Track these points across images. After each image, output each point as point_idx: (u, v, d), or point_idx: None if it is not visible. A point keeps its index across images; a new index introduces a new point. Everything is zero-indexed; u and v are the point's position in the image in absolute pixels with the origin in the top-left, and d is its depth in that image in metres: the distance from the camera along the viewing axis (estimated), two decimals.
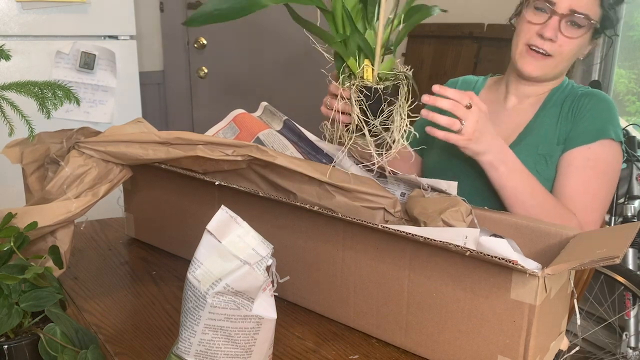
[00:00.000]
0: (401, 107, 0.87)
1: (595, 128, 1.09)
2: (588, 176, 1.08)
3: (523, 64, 1.13)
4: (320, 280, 0.88)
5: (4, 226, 0.77)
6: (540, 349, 0.72)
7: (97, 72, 2.03)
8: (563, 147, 1.11)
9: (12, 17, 1.87)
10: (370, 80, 0.88)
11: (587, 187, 1.07)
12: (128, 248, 1.16)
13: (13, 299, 0.67)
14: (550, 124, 1.14)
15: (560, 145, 1.12)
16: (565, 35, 1.09)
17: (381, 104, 0.87)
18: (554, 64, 1.12)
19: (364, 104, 0.87)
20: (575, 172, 1.08)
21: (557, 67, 1.13)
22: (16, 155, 0.93)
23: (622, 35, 2.33)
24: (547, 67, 1.13)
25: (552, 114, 1.15)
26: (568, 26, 1.09)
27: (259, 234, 0.64)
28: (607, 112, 1.11)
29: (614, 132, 1.10)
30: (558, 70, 1.14)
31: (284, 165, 0.92)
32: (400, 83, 0.87)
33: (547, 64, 1.12)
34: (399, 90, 0.87)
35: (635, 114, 2.37)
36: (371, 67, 0.88)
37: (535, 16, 1.11)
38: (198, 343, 0.63)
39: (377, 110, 0.87)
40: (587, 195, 1.07)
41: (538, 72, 1.13)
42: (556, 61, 1.12)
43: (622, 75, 2.38)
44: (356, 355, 0.79)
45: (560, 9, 1.07)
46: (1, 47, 0.79)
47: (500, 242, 0.78)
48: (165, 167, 0.98)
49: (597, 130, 1.09)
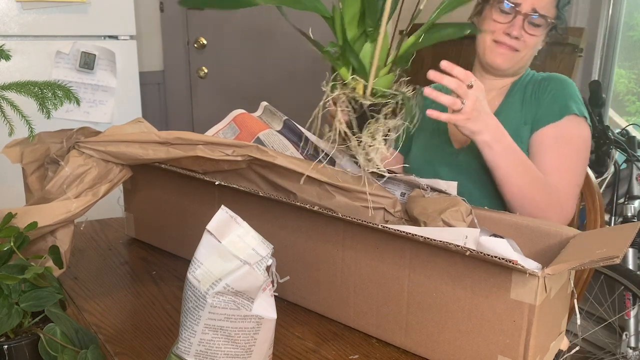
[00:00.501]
0: (383, 128, 0.85)
1: (558, 106, 1.17)
2: (563, 153, 1.14)
3: (494, 57, 1.22)
4: (320, 280, 0.88)
5: (4, 226, 0.77)
6: (540, 349, 0.72)
7: (97, 72, 2.03)
8: (531, 127, 1.18)
9: (12, 17, 1.87)
10: (360, 93, 0.86)
11: (565, 163, 1.13)
12: (128, 248, 1.16)
13: (13, 299, 0.67)
14: (515, 109, 1.22)
15: (528, 125, 1.19)
16: (528, 33, 1.19)
17: (366, 119, 0.84)
18: (520, 56, 1.21)
19: (351, 115, 0.85)
20: (549, 150, 1.15)
21: (522, 60, 1.23)
22: (16, 155, 0.93)
23: (622, 35, 2.33)
24: (515, 59, 1.21)
25: (516, 100, 1.23)
26: (530, 25, 1.19)
27: (259, 234, 0.64)
28: (567, 90, 1.20)
29: (577, 108, 1.17)
30: (523, 63, 1.23)
31: (284, 165, 0.92)
32: (391, 104, 0.84)
33: (515, 56, 1.21)
34: (394, 110, 0.85)
35: (635, 114, 2.37)
36: (362, 82, 0.85)
37: (501, 16, 1.20)
38: (198, 343, 0.63)
39: (362, 125, 0.85)
40: (566, 171, 1.13)
41: (507, 64, 1.22)
42: (522, 54, 1.21)
43: (622, 75, 2.38)
44: (356, 355, 0.79)
45: (524, 9, 1.17)
46: (1, 47, 0.79)
47: (500, 242, 0.78)
48: (165, 167, 0.98)
49: (560, 107, 1.17)
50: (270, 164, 0.94)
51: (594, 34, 2.31)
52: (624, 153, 1.95)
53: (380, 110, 0.84)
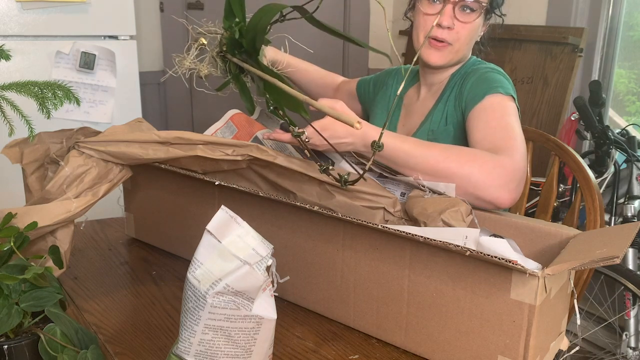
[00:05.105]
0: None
1: (482, 89, 1.11)
2: (487, 119, 1.06)
3: (428, 56, 1.18)
4: (320, 280, 0.88)
5: (4, 226, 0.77)
6: (540, 349, 0.72)
7: (97, 72, 2.03)
8: (463, 116, 1.14)
9: (12, 17, 1.87)
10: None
11: (491, 125, 1.05)
12: (128, 248, 1.16)
13: (13, 299, 0.67)
14: (450, 101, 1.19)
15: (449, 125, 1.17)
16: (460, 21, 1.14)
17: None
18: (454, 50, 1.18)
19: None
20: (477, 122, 1.07)
21: (458, 53, 1.19)
22: (16, 155, 0.93)
23: (622, 35, 2.33)
24: (450, 55, 1.18)
25: (453, 92, 1.20)
26: (461, 12, 1.14)
27: (259, 234, 0.64)
28: (495, 75, 1.14)
29: (503, 89, 1.10)
30: (460, 55, 1.20)
31: (284, 165, 0.92)
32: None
33: (449, 51, 1.17)
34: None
35: (635, 114, 2.37)
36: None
37: (429, 7, 1.16)
38: (198, 343, 0.63)
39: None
40: (498, 131, 1.03)
41: (442, 60, 1.18)
42: (456, 48, 1.17)
43: (622, 75, 2.38)
44: (356, 355, 0.79)
45: None
46: (1, 47, 0.79)
47: (500, 242, 0.78)
48: (165, 167, 0.98)
49: (484, 90, 1.11)
50: (270, 164, 0.94)
51: (594, 34, 2.31)
52: (624, 153, 1.94)
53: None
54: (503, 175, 0.93)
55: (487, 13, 1.18)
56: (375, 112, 1.38)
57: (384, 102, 1.36)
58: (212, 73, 1.17)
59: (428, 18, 1.16)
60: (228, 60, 1.14)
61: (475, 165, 0.93)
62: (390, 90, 1.37)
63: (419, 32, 1.19)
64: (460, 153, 0.96)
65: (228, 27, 1.10)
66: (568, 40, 2.23)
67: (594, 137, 1.97)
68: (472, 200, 0.94)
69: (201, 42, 1.15)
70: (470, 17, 1.14)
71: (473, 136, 1.07)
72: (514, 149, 0.97)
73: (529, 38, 2.38)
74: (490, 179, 0.92)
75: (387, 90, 1.38)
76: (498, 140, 1.00)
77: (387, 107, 1.35)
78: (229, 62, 1.14)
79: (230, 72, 1.15)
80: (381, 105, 1.37)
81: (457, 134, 1.17)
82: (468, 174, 0.93)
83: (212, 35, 1.15)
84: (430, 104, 1.25)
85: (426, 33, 1.17)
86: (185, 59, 1.15)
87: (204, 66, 1.16)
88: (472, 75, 1.17)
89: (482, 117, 1.07)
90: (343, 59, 3.17)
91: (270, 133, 1.03)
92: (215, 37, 1.14)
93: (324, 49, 2.97)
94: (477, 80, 1.15)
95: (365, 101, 1.45)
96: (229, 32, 1.10)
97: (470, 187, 0.93)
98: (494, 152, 0.96)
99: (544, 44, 2.33)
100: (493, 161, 0.94)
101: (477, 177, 0.92)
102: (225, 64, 1.16)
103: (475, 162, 0.94)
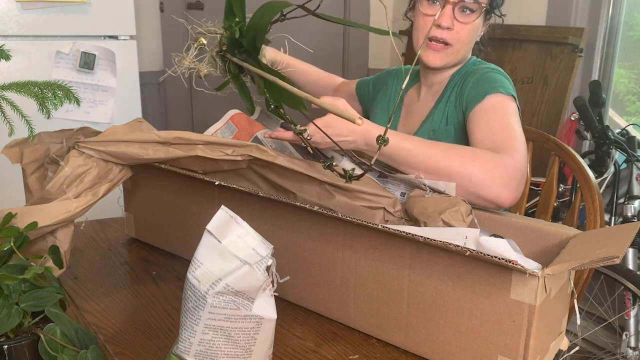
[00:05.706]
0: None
1: (483, 89, 1.11)
2: (489, 119, 1.06)
3: (427, 57, 1.18)
4: (320, 280, 0.88)
5: (4, 226, 0.77)
6: (540, 349, 0.72)
7: (97, 72, 2.03)
8: (464, 116, 1.13)
9: (12, 17, 1.87)
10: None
11: (492, 124, 1.05)
12: (128, 248, 1.16)
13: (13, 299, 0.67)
14: (450, 101, 1.19)
15: (450, 126, 1.17)
16: (460, 22, 1.14)
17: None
18: (454, 51, 1.17)
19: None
20: (478, 122, 1.07)
21: (458, 54, 1.19)
22: (16, 155, 0.93)
23: (622, 35, 2.33)
24: (449, 56, 1.18)
25: (453, 92, 1.20)
26: (461, 12, 1.14)
27: (259, 234, 0.64)
28: (495, 75, 1.14)
29: (503, 89, 1.10)
30: (460, 56, 1.20)
31: (284, 165, 0.92)
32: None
33: (448, 52, 1.17)
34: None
35: (635, 114, 2.37)
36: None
37: (429, 8, 1.17)
38: (198, 343, 0.63)
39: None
40: (499, 130, 1.03)
41: (441, 62, 1.18)
42: (456, 48, 1.17)
43: (622, 75, 2.38)
44: (356, 355, 0.79)
45: None
46: (1, 47, 0.79)
47: (500, 242, 0.78)
48: (165, 167, 0.98)
49: (485, 90, 1.11)
50: (271, 164, 0.94)
51: (594, 34, 2.31)
52: (624, 153, 1.94)
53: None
54: (504, 174, 0.93)
55: (486, 13, 1.18)
56: (375, 113, 1.38)
57: (384, 102, 1.37)
58: (211, 73, 1.17)
59: (428, 19, 1.16)
60: (228, 60, 1.14)
61: (476, 165, 0.93)
62: (391, 90, 1.37)
63: (418, 33, 1.19)
64: (461, 152, 0.96)
65: (228, 27, 1.10)
66: (568, 40, 2.23)
67: (594, 137, 1.97)
68: (473, 199, 0.94)
69: (201, 41, 1.15)
70: (470, 18, 1.14)
71: (474, 136, 1.07)
72: (515, 149, 0.98)
73: (529, 38, 2.38)
74: (492, 178, 0.93)
75: (387, 91, 1.38)
76: (499, 139, 1.00)
77: (388, 107, 1.35)
78: (229, 62, 1.14)
79: (229, 71, 1.15)
80: (381, 105, 1.37)
81: (457, 134, 1.17)
82: (469, 173, 0.93)
83: (212, 35, 1.15)
84: (430, 104, 1.25)
85: (426, 34, 1.16)
86: (184, 58, 1.16)
87: (203, 66, 1.16)
88: (473, 75, 1.17)
89: (483, 116, 1.08)
90: (343, 59, 3.17)
91: (271, 132, 1.03)
92: (215, 37, 1.15)
93: (324, 49, 2.98)
94: (477, 80, 1.15)
95: (365, 102, 1.45)
96: (229, 32, 1.10)
97: (471, 186, 0.93)
98: (495, 151, 0.97)
99: (544, 44, 2.33)
100: (494, 160, 0.94)
101: (479, 176, 0.93)
102: (224, 63, 1.16)
103: (476, 161, 0.94)
